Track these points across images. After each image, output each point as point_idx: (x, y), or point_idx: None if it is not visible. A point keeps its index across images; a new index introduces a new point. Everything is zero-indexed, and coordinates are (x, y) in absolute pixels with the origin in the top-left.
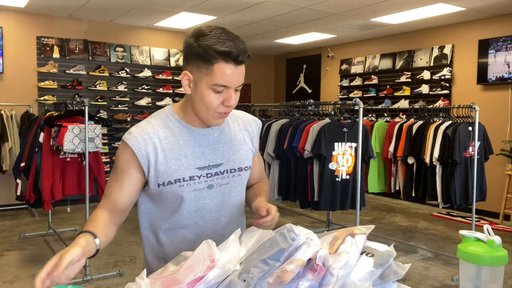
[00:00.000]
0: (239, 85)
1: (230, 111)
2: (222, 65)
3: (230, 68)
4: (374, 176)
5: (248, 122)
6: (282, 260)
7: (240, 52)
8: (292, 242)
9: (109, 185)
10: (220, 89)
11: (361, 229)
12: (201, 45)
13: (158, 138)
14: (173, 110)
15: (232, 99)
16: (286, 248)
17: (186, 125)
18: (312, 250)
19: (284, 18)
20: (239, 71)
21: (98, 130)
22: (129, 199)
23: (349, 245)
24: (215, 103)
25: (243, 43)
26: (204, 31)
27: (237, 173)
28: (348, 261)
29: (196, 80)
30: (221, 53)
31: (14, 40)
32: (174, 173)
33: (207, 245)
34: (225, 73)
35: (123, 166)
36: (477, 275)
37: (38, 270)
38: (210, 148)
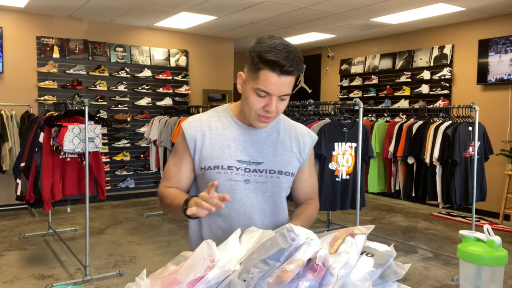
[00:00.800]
0: (282, 94)
1: (271, 116)
2: (267, 72)
3: (274, 77)
4: (374, 176)
5: (301, 133)
6: (282, 260)
7: (286, 64)
8: (292, 242)
9: (169, 169)
10: (263, 94)
11: (361, 229)
12: (255, 51)
13: (209, 127)
14: (230, 107)
15: (271, 105)
16: (286, 248)
17: (237, 121)
18: (312, 250)
19: (284, 18)
20: (283, 81)
21: (98, 130)
22: (188, 183)
23: (349, 245)
24: (257, 105)
25: (297, 57)
26: (263, 39)
27: (276, 176)
28: (348, 261)
29: (246, 81)
30: (268, 62)
31: (14, 40)
32: (215, 159)
33: (207, 245)
34: (268, 80)
35: (180, 151)
36: (477, 275)
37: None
38: (254, 146)
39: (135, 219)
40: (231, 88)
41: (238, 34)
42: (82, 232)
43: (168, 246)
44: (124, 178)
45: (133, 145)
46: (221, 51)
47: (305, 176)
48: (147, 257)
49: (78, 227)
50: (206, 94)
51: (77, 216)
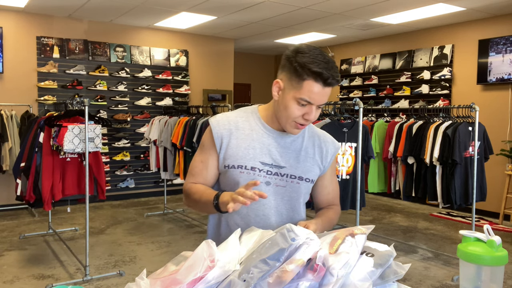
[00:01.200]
0: (322, 103)
1: (307, 124)
2: (311, 83)
3: (318, 88)
4: (374, 176)
5: (325, 142)
6: (282, 260)
7: (330, 76)
8: (292, 242)
9: (196, 165)
10: (304, 103)
11: (361, 229)
12: (297, 61)
13: (236, 127)
14: (258, 109)
15: (312, 114)
16: (286, 248)
17: (265, 124)
18: (312, 250)
19: (284, 18)
20: (325, 91)
21: (98, 130)
22: (214, 179)
23: (349, 245)
24: (296, 114)
25: (335, 68)
26: (303, 49)
27: (297, 181)
28: (348, 261)
29: (285, 89)
30: (314, 73)
31: (14, 40)
32: (239, 159)
33: (207, 245)
34: (312, 90)
35: (207, 148)
36: (477, 275)
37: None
38: (278, 150)
39: (135, 219)
40: (231, 88)
41: (238, 34)
42: (82, 232)
43: (168, 246)
44: (124, 178)
45: (133, 145)
46: (221, 51)
47: (326, 183)
48: (147, 257)
49: (78, 227)
50: (206, 94)
51: (77, 216)
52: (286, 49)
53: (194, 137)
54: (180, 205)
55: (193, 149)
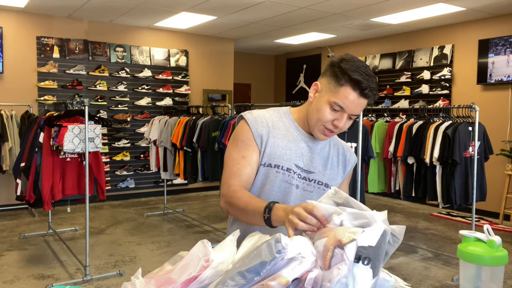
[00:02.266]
0: (355, 114)
1: (335, 132)
2: (348, 89)
3: (354, 96)
4: (374, 176)
5: (348, 151)
6: (262, 274)
7: (368, 87)
8: (276, 255)
9: (236, 162)
10: (337, 108)
11: (349, 236)
12: (340, 67)
13: (272, 126)
14: (290, 110)
15: (341, 121)
16: (268, 262)
17: (298, 126)
18: (302, 269)
19: (284, 18)
20: (361, 102)
21: (98, 130)
22: (254, 176)
23: (339, 260)
24: (327, 118)
25: (375, 82)
26: (349, 58)
27: (323, 188)
28: (340, 280)
29: (322, 92)
30: (353, 80)
31: (14, 40)
32: (277, 158)
33: (202, 245)
34: (347, 97)
35: (247, 143)
36: (477, 275)
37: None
38: (309, 155)
39: (135, 219)
40: (231, 88)
41: (238, 34)
42: (82, 232)
43: (168, 246)
44: (124, 178)
45: (133, 145)
46: (221, 51)
47: (341, 188)
48: (147, 257)
49: (78, 227)
50: (206, 94)
51: (77, 216)
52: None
53: (194, 137)
54: (180, 205)
55: (193, 149)
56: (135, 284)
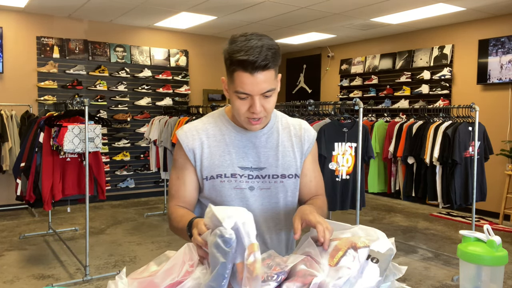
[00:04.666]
0: (263, 91)
1: (260, 117)
2: (240, 73)
3: (248, 77)
4: (374, 176)
5: (301, 129)
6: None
7: (256, 61)
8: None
9: (173, 183)
10: (243, 96)
11: (364, 242)
12: (225, 53)
13: (206, 135)
14: (225, 110)
15: (256, 106)
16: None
17: (234, 125)
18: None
19: (284, 18)
20: (260, 78)
21: (98, 130)
22: (195, 194)
23: (351, 260)
24: (241, 109)
25: (270, 49)
26: (233, 38)
27: (280, 180)
28: (349, 279)
29: (228, 86)
30: (239, 62)
31: (14, 40)
32: (216, 168)
33: (188, 249)
34: (243, 81)
35: (181, 162)
36: (477, 275)
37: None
38: (254, 151)
39: (135, 219)
40: None
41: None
42: (82, 232)
43: (168, 246)
44: (124, 178)
45: (133, 145)
46: (221, 51)
47: (305, 171)
48: (147, 257)
49: (78, 227)
50: (206, 94)
51: (77, 216)
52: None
53: None
54: None
55: None
56: (117, 284)
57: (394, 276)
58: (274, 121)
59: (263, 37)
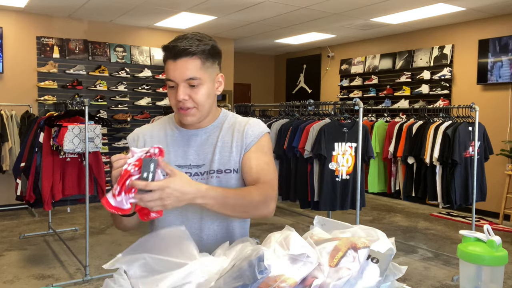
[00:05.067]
0: (186, 78)
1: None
2: (167, 62)
3: (171, 63)
4: (374, 176)
5: (247, 124)
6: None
7: (177, 45)
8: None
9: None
10: (171, 84)
11: (364, 242)
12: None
13: (151, 136)
14: (174, 115)
15: (179, 94)
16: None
17: (179, 127)
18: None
19: (284, 18)
20: (181, 64)
21: (98, 130)
22: None
23: (350, 260)
24: (171, 99)
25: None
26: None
27: (216, 175)
28: (350, 280)
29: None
30: (164, 50)
31: (14, 40)
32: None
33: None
34: (168, 68)
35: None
36: (477, 275)
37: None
38: (194, 149)
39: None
40: (231, 88)
41: (238, 34)
42: (82, 232)
43: None
44: None
45: None
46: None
47: (246, 160)
48: None
49: (78, 227)
50: None
51: (77, 216)
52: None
53: None
54: None
55: None
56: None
57: (394, 276)
58: (222, 120)
59: (202, 36)
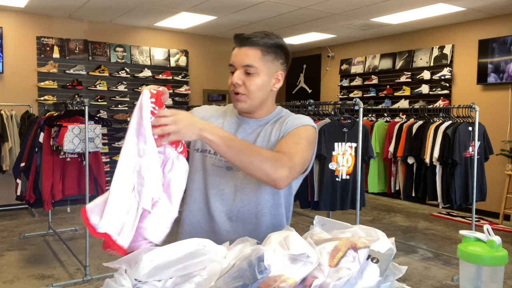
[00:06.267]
0: (244, 64)
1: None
2: (234, 49)
3: (235, 50)
4: (374, 176)
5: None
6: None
7: (243, 35)
8: (259, 276)
9: None
10: (231, 69)
11: (364, 242)
12: None
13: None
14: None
15: (234, 77)
16: (249, 285)
17: (237, 114)
18: (307, 270)
19: (284, 18)
20: (243, 51)
21: (98, 130)
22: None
23: (350, 260)
24: (229, 82)
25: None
26: None
27: None
28: (350, 280)
29: None
30: (234, 38)
31: (14, 40)
32: (205, 143)
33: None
34: (232, 54)
35: None
36: (477, 275)
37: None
38: (242, 136)
39: None
40: None
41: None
42: (82, 232)
43: None
44: None
45: None
46: (221, 51)
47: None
48: None
49: (78, 227)
50: (206, 94)
51: (77, 216)
52: None
53: None
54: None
55: None
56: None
57: (394, 276)
58: (274, 116)
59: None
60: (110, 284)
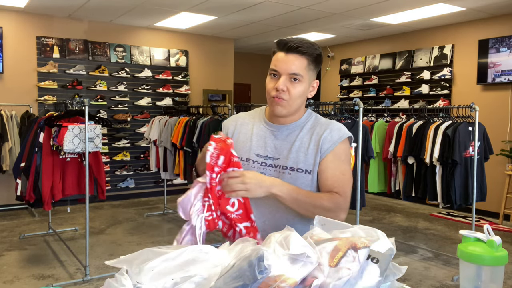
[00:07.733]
0: (290, 72)
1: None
2: (276, 53)
3: (281, 55)
4: (374, 176)
5: (326, 129)
6: None
7: (291, 41)
8: (259, 276)
9: None
10: (274, 73)
11: (364, 242)
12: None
13: (241, 123)
14: (265, 108)
15: (279, 83)
16: (249, 285)
17: (266, 120)
18: (307, 270)
19: (284, 18)
20: (290, 58)
21: (98, 130)
22: None
23: (350, 260)
24: (269, 85)
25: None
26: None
27: (288, 172)
28: (349, 280)
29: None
30: (277, 43)
31: (14, 40)
32: (238, 151)
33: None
34: (276, 59)
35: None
36: (477, 275)
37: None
38: (274, 143)
39: (135, 219)
40: (231, 88)
41: (238, 34)
42: (82, 232)
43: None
44: (124, 178)
45: (133, 145)
46: (221, 51)
47: (323, 168)
48: None
49: (78, 227)
50: (206, 94)
51: (77, 216)
52: None
53: (194, 137)
54: None
55: (193, 149)
56: (120, 280)
57: (394, 276)
58: (305, 120)
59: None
60: (111, 284)
